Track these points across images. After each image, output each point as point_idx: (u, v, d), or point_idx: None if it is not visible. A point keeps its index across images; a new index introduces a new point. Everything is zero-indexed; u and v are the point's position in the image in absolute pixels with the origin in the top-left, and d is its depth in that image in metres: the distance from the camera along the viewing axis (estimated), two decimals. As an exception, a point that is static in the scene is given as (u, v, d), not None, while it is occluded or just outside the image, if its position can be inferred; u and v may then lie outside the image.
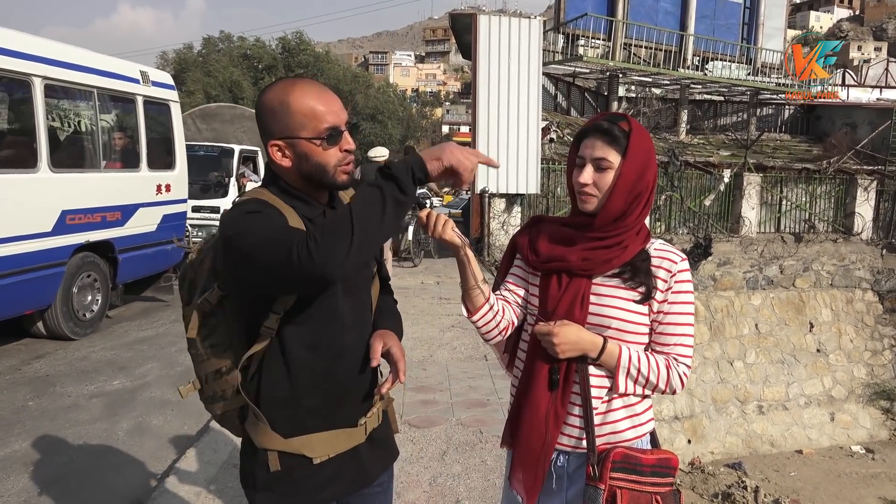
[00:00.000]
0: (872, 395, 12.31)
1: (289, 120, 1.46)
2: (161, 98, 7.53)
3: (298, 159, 1.48)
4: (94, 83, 6.40)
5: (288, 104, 1.46)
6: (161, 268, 7.62)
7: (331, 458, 1.56)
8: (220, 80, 41.33)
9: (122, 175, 6.90)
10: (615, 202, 1.58)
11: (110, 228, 6.55)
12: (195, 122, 12.33)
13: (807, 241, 13.71)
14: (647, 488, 1.57)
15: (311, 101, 1.46)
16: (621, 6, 15.13)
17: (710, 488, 9.61)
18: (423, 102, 75.43)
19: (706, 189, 14.11)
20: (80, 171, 6.29)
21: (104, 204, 6.45)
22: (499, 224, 12.18)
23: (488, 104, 11.76)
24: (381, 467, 1.70)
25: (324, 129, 1.47)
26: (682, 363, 1.63)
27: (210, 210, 9.98)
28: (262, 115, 1.50)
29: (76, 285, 6.19)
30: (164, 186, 7.43)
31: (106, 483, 3.59)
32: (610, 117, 1.63)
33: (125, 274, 6.93)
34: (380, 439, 1.68)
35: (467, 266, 1.67)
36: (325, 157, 1.48)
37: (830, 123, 17.39)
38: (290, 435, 1.52)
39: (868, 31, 76.12)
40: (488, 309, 1.71)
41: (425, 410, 4.63)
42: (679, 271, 1.61)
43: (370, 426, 1.63)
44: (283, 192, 1.52)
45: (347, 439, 1.59)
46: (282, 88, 1.48)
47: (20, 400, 4.75)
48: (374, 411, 1.63)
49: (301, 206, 1.51)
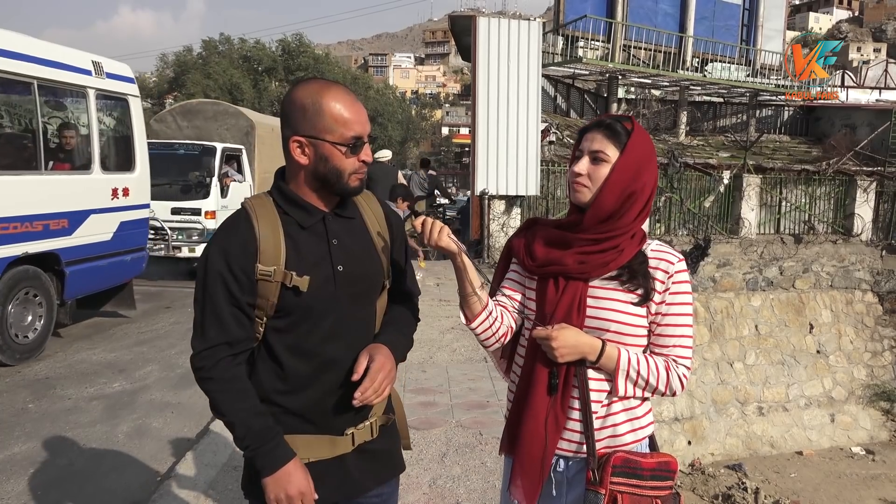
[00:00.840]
0: (872, 397, 12.30)
1: (318, 120, 1.50)
2: (117, 92, 6.73)
3: (318, 160, 1.52)
4: (35, 73, 5.63)
5: (320, 105, 1.50)
6: (119, 280, 6.83)
7: (311, 462, 1.56)
8: (219, 83, 41.36)
9: (70, 178, 6.13)
10: (606, 197, 1.58)
11: (55, 238, 5.80)
12: (175, 119, 11.69)
13: (806, 243, 13.71)
14: (647, 492, 1.57)
15: (343, 107, 1.51)
16: (620, 8, 15.14)
17: (711, 490, 9.61)
18: (423, 104, 75.45)
19: (706, 190, 14.12)
20: (16, 174, 5.54)
21: (47, 210, 5.70)
22: (498, 226, 12.19)
23: (488, 106, 11.77)
24: (374, 480, 1.67)
25: (350, 136, 1.51)
26: (681, 364, 1.62)
27: (191, 212, 9.43)
28: (291, 110, 1.53)
29: (11, 304, 5.45)
30: (121, 190, 6.65)
31: (106, 485, 3.59)
32: (615, 117, 1.65)
33: (75, 289, 6.16)
34: (375, 452, 1.65)
35: (464, 273, 1.65)
36: (344, 164, 1.53)
37: (830, 125, 17.40)
38: None
39: (867, 32, 76.19)
40: (486, 316, 1.70)
41: (425, 412, 4.63)
42: (676, 272, 1.61)
43: (360, 438, 1.61)
44: (285, 199, 1.56)
45: (330, 447, 1.58)
46: (317, 88, 1.53)
47: (20, 402, 4.75)
48: (366, 424, 1.62)
49: (299, 214, 1.55)
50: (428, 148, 65.97)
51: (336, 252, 1.57)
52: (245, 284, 1.50)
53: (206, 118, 11.54)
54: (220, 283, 1.50)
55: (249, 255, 1.50)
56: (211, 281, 1.50)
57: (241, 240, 1.51)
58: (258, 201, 1.58)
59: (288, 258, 1.51)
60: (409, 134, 60.22)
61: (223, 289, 1.49)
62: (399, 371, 1.67)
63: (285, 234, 1.53)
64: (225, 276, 1.49)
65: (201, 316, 1.52)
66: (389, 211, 1.75)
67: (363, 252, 1.63)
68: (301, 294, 1.51)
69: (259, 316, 1.54)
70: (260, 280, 1.50)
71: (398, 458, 1.76)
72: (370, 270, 1.64)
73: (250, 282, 1.50)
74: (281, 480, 1.48)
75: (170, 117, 11.85)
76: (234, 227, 1.53)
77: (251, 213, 1.54)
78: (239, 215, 1.55)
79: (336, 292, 1.56)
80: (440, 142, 67.93)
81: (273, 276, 1.50)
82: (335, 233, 1.58)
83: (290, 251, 1.52)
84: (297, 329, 1.55)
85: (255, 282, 1.50)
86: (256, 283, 1.51)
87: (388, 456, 1.71)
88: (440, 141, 68.05)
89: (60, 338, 6.43)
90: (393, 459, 1.74)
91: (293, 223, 1.55)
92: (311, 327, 1.55)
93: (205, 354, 1.50)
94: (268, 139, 11.69)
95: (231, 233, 1.53)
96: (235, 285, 1.49)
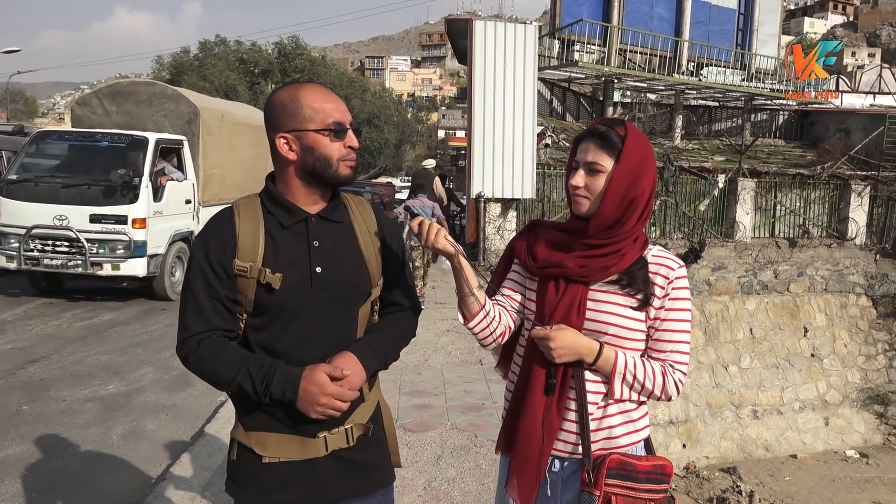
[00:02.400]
0: (866, 400, 12.35)
1: (298, 113, 1.55)
2: None
3: (304, 151, 1.56)
4: None
5: (298, 99, 1.56)
6: None
7: (281, 462, 1.56)
8: (215, 85, 41.29)
9: None
10: (607, 207, 1.59)
11: None
12: (102, 103, 9.51)
13: (801, 246, 13.76)
14: (641, 495, 1.58)
15: (320, 97, 1.57)
16: (616, 12, 15.19)
17: (705, 493, 9.63)
18: (420, 107, 75.54)
19: (701, 194, 14.15)
20: None
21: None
22: (494, 229, 12.20)
23: (484, 109, 11.79)
24: (349, 490, 1.62)
25: (331, 122, 1.56)
26: (677, 370, 1.63)
27: (114, 220, 7.58)
28: (272, 113, 1.58)
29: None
30: None
31: (100, 487, 3.59)
32: (608, 122, 1.64)
33: None
34: (352, 462, 1.62)
35: (461, 274, 1.66)
36: (331, 150, 1.56)
37: (824, 129, 17.47)
38: (250, 428, 1.59)
39: (862, 37, 76.52)
40: (484, 315, 1.70)
41: (420, 415, 4.63)
42: (676, 278, 1.62)
43: (333, 444, 1.58)
44: (270, 199, 1.60)
45: (300, 448, 1.57)
46: (293, 87, 1.59)
47: (14, 404, 4.74)
48: (340, 430, 1.59)
49: (281, 213, 1.59)
50: (424, 151, 65.99)
51: (316, 254, 1.57)
52: (224, 278, 1.54)
53: (138, 102, 9.41)
54: (200, 275, 1.55)
55: (228, 250, 1.54)
56: (193, 274, 1.56)
57: (220, 235, 1.56)
58: (245, 201, 1.62)
59: (266, 256, 1.54)
60: (406, 137, 60.24)
61: (203, 281, 1.54)
62: (394, 373, 1.67)
63: (266, 233, 1.56)
64: (204, 269, 1.55)
65: (184, 307, 1.58)
66: (384, 220, 1.75)
67: (346, 257, 1.62)
68: (273, 292, 1.53)
69: (239, 312, 1.58)
70: (238, 276, 1.54)
71: (384, 472, 1.71)
72: (352, 276, 1.62)
73: (228, 276, 1.54)
74: (308, 394, 1.50)
75: (95, 100, 9.59)
76: (216, 224, 1.59)
77: (235, 210, 1.59)
78: (223, 213, 1.61)
79: (312, 294, 1.56)
80: (436, 145, 67.95)
81: (249, 272, 1.53)
82: (317, 234, 1.59)
83: (268, 249, 1.55)
84: (271, 328, 1.57)
85: (233, 277, 1.54)
86: (235, 279, 1.54)
87: (368, 468, 1.66)
88: (436, 144, 68.08)
89: (55, 339, 6.43)
90: (376, 472, 1.68)
91: (274, 222, 1.58)
92: (284, 327, 1.56)
93: (187, 342, 1.55)
94: (216, 128, 9.58)
95: (213, 229, 1.58)
96: (214, 279, 1.54)
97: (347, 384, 1.53)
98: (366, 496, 1.66)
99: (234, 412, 1.66)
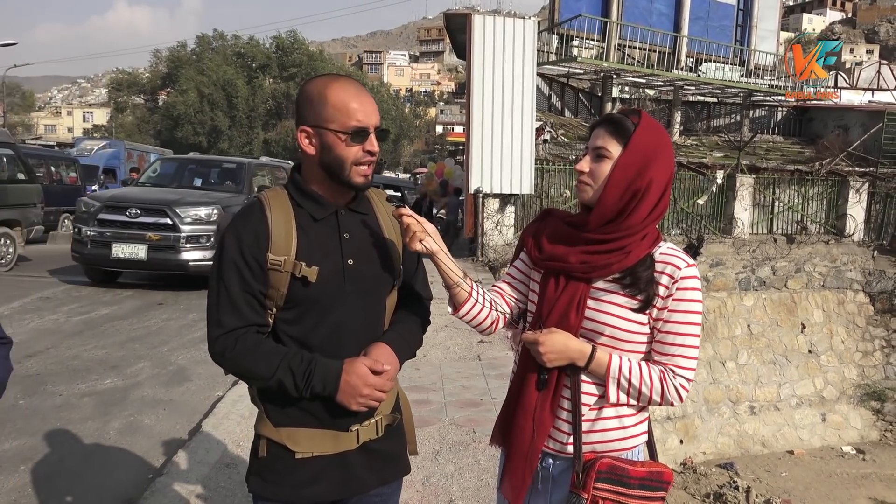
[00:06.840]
0: (863, 396, 12.37)
1: (322, 110, 1.54)
2: None
3: (322, 149, 1.55)
4: None
5: (325, 96, 1.54)
6: None
7: (314, 456, 1.57)
8: (213, 79, 41.20)
9: None
10: (609, 195, 1.54)
11: None
12: None
13: (799, 243, 13.78)
14: (634, 501, 1.54)
15: (347, 97, 1.54)
16: (615, 7, 15.15)
17: (702, 488, 9.65)
18: (417, 102, 75.45)
19: (699, 190, 14.16)
20: None
21: None
22: (492, 224, 12.19)
23: (482, 104, 11.76)
24: (377, 480, 1.67)
25: (351, 125, 1.53)
26: (679, 375, 1.55)
27: None
28: (300, 103, 1.58)
29: None
30: None
31: (97, 482, 3.57)
32: (627, 111, 1.61)
33: None
34: (379, 452, 1.65)
35: (442, 269, 1.67)
36: (346, 153, 1.54)
37: (823, 125, 17.47)
38: (280, 425, 1.57)
39: (860, 33, 76.57)
40: (472, 304, 1.70)
41: (418, 410, 4.62)
42: (682, 277, 1.54)
43: (364, 436, 1.61)
44: (299, 192, 1.59)
45: (334, 442, 1.58)
46: (323, 81, 1.58)
47: (11, 399, 4.72)
48: (372, 422, 1.62)
49: (311, 206, 1.58)
50: (422, 146, 65.91)
51: (347, 246, 1.58)
52: (257, 272, 1.52)
53: None
54: (234, 270, 1.52)
55: (261, 243, 1.52)
56: (226, 268, 1.53)
57: (253, 229, 1.54)
58: (273, 193, 1.61)
59: (299, 249, 1.53)
60: (404, 132, 60.16)
61: (237, 276, 1.52)
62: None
63: (297, 226, 1.55)
64: (238, 264, 1.52)
65: (217, 303, 1.54)
66: None
67: (375, 248, 1.64)
68: (309, 285, 1.53)
69: (270, 307, 1.56)
70: (271, 269, 1.52)
71: (403, 461, 1.75)
72: (381, 267, 1.64)
73: (262, 270, 1.52)
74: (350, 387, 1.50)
75: None
76: (247, 217, 1.56)
77: (265, 203, 1.57)
78: (253, 205, 1.58)
79: (344, 286, 1.57)
80: (434, 140, 67.89)
81: (283, 265, 1.52)
82: (347, 227, 1.60)
83: (301, 242, 1.54)
84: (304, 321, 1.56)
85: (266, 271, 1.52)
86: (267, 273, 1.53)
87: (393, 457, 1.70)
88: (434, 139, 68.03)
89: (52, 333, 6.39)
90: (398, 461, 1.73)
91: (306, 215, 1.57)
92: (317, 320, 1.56)
93: (222, 339, 1.52)
94: None
95: (244, 222, 1.55)
96: (248, 273, 1.52)
97: (386, 376, 1.55)
98: (387, 484, 1.71)
99: (231, 407, 1.66)
